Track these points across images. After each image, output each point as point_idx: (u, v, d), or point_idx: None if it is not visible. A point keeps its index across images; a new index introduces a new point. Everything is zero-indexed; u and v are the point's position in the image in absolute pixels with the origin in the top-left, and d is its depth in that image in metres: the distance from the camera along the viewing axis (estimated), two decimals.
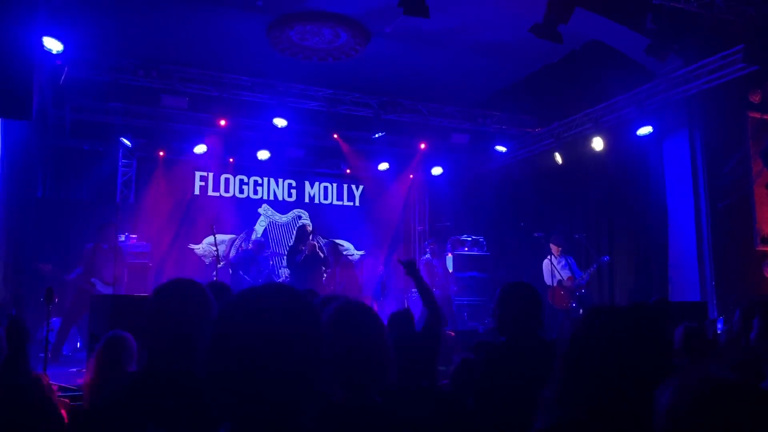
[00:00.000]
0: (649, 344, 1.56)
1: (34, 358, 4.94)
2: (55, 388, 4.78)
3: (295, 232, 10.21)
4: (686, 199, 8.71)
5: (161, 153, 11.04)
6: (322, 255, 9.28)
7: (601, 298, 9.60)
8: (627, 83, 9.11)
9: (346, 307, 2.10)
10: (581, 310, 9.01)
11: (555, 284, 9.07)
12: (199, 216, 11.19)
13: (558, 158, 10.50)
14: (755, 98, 8.95)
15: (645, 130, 8.96)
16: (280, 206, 12.32)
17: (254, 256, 10.31)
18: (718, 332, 6.31)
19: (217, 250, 9.00)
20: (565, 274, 9.11)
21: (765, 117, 8.98)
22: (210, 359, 1.19)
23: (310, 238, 9.28)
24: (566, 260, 9.18)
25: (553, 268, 9.10)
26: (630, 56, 8.61)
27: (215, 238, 8.96)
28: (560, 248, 9.24)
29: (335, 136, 11.00)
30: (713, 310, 7.87)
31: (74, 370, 6.68)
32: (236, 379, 1.15)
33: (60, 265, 8.35)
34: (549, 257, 9.26)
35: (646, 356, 1.53)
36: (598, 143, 9.66)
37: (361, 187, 13.00)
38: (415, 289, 4.02)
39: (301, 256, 8.90)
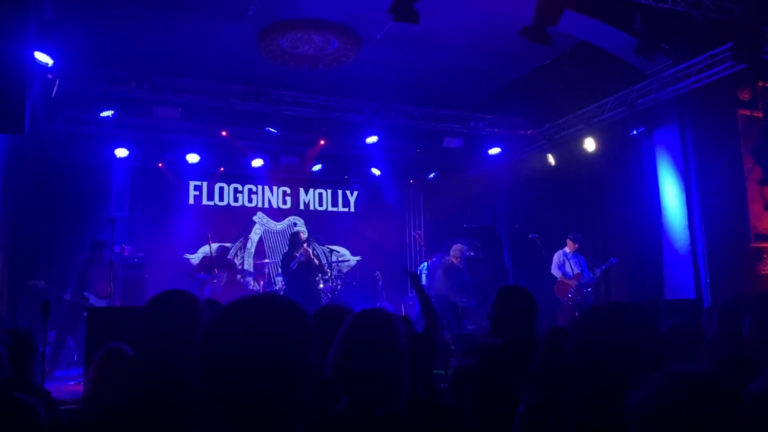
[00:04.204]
0: (639, 340, 1.59)
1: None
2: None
3: (288, 239, 10.20)
4: (679, 197, 8.75)
5: (155, 164, 11.02)
6: (317, 262, 9.25)
7: (597, 297, 9.62)
8: (617, 84, 9.16)
9: (363, 316, 2.00)
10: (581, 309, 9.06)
11: (562, 278, 9.32)
12: (193, 226, 11.18)
13: (551, 159, 10.53)
14: (745, 96, 9.00)
15: (636, 130, 9.01)
16: (275, 214, 12.32)
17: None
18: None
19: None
20: (577, 270, 9.31)
21: (755, 114, 9.03)
22: (199, 368, 1.20)
23: (305, 244, 9.25)
24: (578, 259, 9.40)
25: (566, 260, 9.29)
26: (620, 57, 8.66)
27: (211, 247, 8.97)
28: (576, 245, 9.42)
29: (321, 142, 11.00)
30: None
31: (72, 383, 6.67)
32: (224, 388, 1.16)
33: (54, 280, 8.31)
34: (562, 250, 9.46)
35: (635, 351, 1.57)
36: (590, 144, 9.70)
37: (355, 193, 13.02)
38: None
39: (295, 263, 8.87)
